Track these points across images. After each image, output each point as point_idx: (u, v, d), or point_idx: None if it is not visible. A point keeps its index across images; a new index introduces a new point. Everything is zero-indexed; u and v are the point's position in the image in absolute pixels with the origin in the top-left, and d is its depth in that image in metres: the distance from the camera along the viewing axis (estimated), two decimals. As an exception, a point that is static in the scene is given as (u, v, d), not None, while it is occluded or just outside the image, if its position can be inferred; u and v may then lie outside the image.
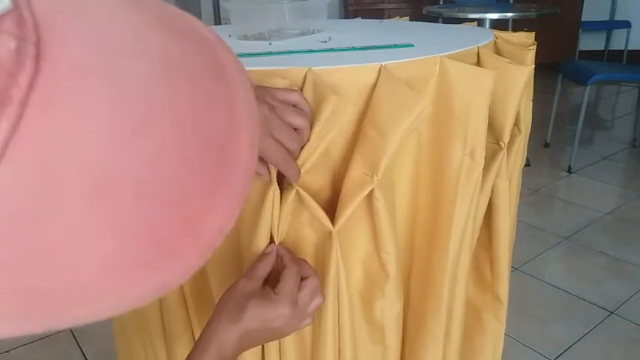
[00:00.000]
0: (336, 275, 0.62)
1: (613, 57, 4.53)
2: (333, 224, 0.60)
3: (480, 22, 2.51)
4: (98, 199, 0.19)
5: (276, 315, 0.55)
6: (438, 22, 1.27)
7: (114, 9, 0.22)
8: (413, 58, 0.62)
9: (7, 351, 1.51)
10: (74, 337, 1.57)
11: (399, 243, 0.68)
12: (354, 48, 0.72)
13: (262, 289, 0.57)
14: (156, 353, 0.80)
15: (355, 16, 1.43)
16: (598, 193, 2.46)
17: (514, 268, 1.85)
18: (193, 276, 0.73)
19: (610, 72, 2.81)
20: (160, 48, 0.22)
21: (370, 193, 0.59)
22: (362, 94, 0.60)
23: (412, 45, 0.72)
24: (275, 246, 0.61)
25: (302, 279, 0.58)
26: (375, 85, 0.59)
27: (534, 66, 0.71)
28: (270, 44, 0.79)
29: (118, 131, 0.19)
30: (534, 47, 0.75)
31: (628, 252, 1.96)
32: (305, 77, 0.59)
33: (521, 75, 0.67)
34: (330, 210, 0.61)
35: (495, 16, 2.55)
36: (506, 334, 0.87)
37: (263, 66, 0.60)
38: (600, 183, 2.56)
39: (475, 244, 0.76)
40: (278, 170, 0.57)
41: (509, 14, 2.63)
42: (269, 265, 0.60)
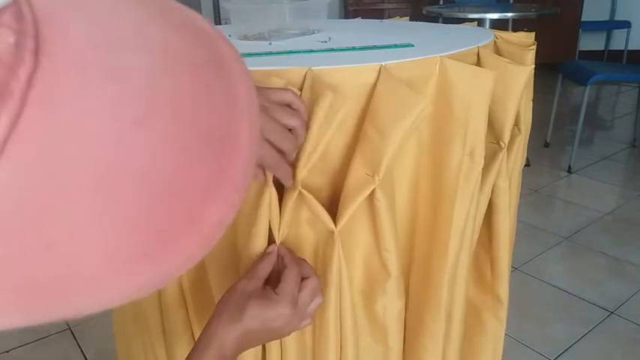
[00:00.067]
0: (338, 274, 0.63)
1: (613, 57, 4.53)
2: (335, 224, 0.60)
3: (480, 22, 2.51)
4: (99, 193, 0.19)
5: (276, 315, 0.55)
6: (438, 22, 1.27)
7: (114, 2, 0.22)
8: (413, 58, 0.62)
9: (7, 351, 1.51)
10: (74, 337, 1.57)
11: (399, 242, 0.68)
12: (354, 48, 0.71)
13: (263, 290, 0.57)
14: (156, 353, 0.80)
15: (355, 16, 1.43)
16: (598, 193, 2.46)
17: (514, 268, 1.85)
18: (193, 276, 0.73)
19: (610, 72, 2.81)
20: (162, 40, 0.22)
21: (372, 193, 0.59)
22: (362, 94, 0.60)
23: (412, 45, 0.72)
24: (276, 246, 0.61)
25: (302, 279, 0.58)
26: (375, 85, 0.59)
27: (534, 66, 0.71)
28: (270, 44, 0.79)
29: (120, 125, 0.19)
30: (534, 47, 0.75)
31: (628, 252, 1.96)
32: (305, 77, 0.59)
33: (521, 75, 0.67)
34: (330, 209, 0.62)
35: (495, 16, 2.55)
36: (506, 334, 0.87)
37: (263, 66, 0.60)
38: (600, 183, 2.56)
39: (475, 244, 0.76)
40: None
41: (509, 14, 2.63)
42: (270, 266, 0.60)
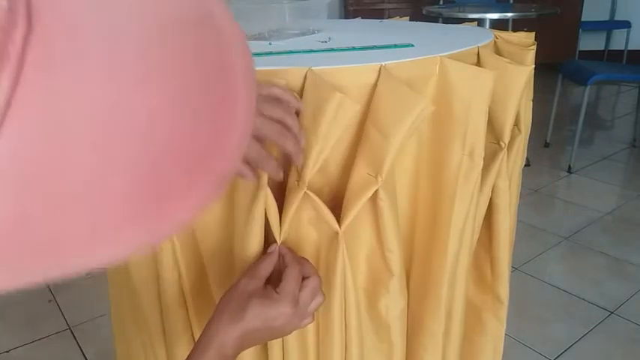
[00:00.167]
0: (343, 275, 0.63)
1: (613, 57, 4.52)
2: (339, 224, 0.61)
3: (480, 22, 2.51)
4: (97, 156, 0.20)
5: (277, 314, 0.55)
6: (438, 22, 1.27)
7: None
8: (413, 58, 0.62)
9: (7, 351, 1.51)
10: (74, 337, 1.57)
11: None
12: (354, 48, 0.71)
13: (264, 289, 0.57)
14: (155, 353, 0.80)
15: (355, 16, 1.43)
16: (598, 193, 2.46)
17: (514, 268, 1.85)
18: (194, 277, 0.72)
19: (610, 72, 2.81)
20: (155, 3, 0.22)
21: (375, 194, 0.59)
22: (362, 94, 0.60)
23: (412, 45, 0.72)
24: (277, 245, 0.61)
25: (303, 278, 0.58)
26: (376, 86, 0.59)
27: (534, 66, 0.71)
28: (270, 44, 0.79)
29: (116, 87, 0.20)
30: (534, 47, 0.75)
31: (628, 252, 1.96)
32: (305, 77, 0.59)
33: (521, 75, 0.67)
34: (330, 210, 0.62)
35: (495, 16, 2.55)
36: (506, 334, 0.87)
37: (263, 66, 0.60)
38: (600, 183, 2.56)
39: (475, 244, 0.76)
40: (283, 171, 0.57)
41: (509, 14, 2.63)
42: (271, 265, 0.60)
